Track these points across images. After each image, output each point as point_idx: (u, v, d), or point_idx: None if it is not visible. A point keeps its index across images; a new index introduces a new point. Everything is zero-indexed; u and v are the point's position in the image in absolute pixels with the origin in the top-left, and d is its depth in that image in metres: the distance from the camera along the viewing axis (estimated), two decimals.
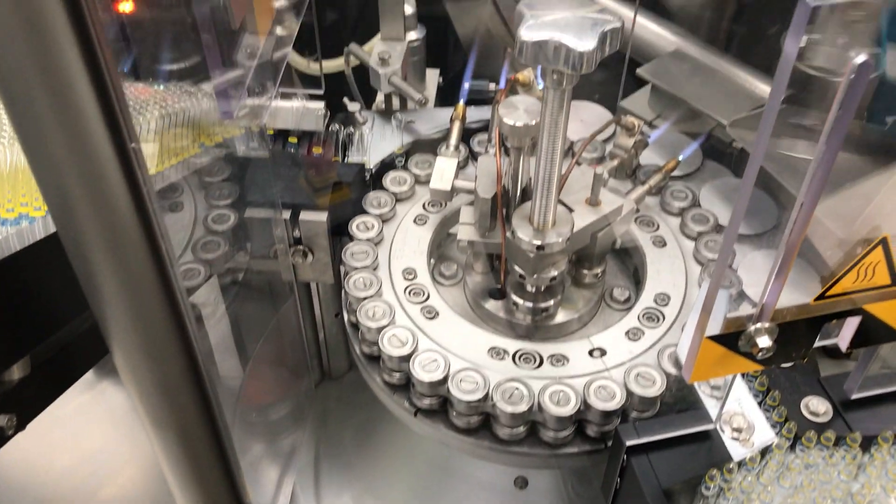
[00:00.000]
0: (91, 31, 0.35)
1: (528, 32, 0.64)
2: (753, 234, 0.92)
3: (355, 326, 0.87)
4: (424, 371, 0.79)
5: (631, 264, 0.95)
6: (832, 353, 1.01)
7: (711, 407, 0.74)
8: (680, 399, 0.79)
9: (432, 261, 0.94)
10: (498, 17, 1.24)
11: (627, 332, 0.83)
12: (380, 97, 1.10)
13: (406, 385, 0.83)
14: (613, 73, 1.09)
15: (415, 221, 0.94)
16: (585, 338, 0.83)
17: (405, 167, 0.99)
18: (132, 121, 0.39)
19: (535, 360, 0.81)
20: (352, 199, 0.94)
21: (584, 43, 0.62)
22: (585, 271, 0.88)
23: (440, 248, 0.97)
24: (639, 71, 1.02)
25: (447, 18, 1.39)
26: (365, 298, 0.85)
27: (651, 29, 1.07)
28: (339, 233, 0.94)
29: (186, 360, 0.51)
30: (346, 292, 0.86)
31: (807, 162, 0.97)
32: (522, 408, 0.76)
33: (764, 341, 0.60)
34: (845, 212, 0.86)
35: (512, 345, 0.82)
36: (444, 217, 0.94)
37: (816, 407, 0.74)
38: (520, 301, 0.84)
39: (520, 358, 0.81)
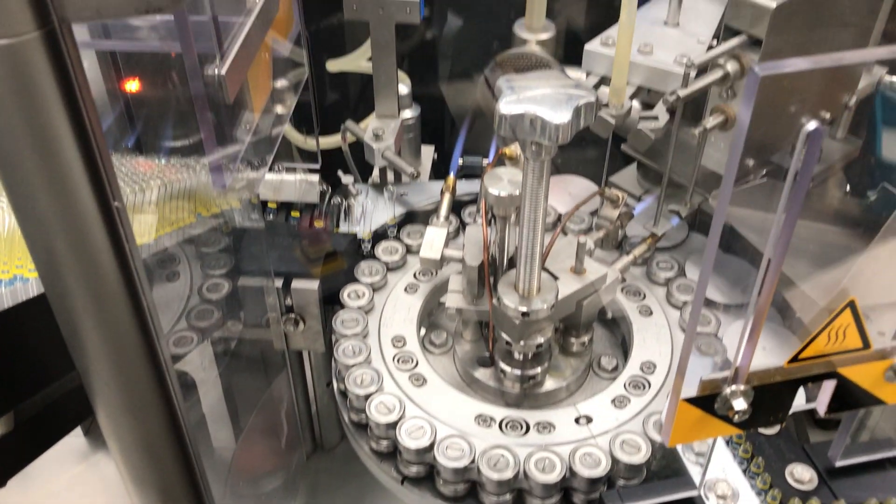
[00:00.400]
0: (78, 96, 0.37)
1: (507, 106, 0.67)
2: (737, 304, 0.93)
3: (344, 394, 0.88)
4: (411, 438, 0.79)
5: (619, 333, 0.96)
6: (821, 423, 1.01)
7: (696, 474, 0.74)
8: (665, 466, 0.79)
9: (422, 329, 0.95)
10: (490, 96, 1.28)
11: (613, 400, 0.84)
12: (375, 171, 1.14)
13: (393, 453, 0.84)
14: (603, 151, 1.12)
15: (405, 290, 0.96)
16: (572, 405, 0.84)
17: (397, 237, 1.02)
18: (117, 181, 0.41)
19: (521, 428, 0.81)
20: (344, 268, 0.96)
21: (559, 115, 0.65)
22: (573, 339, 0.89)
23: (430, 316, 0.98)
24: (624, 147, 1.06)
25: (444, 98, 1.44)
26: (353, 366, 0.86)
27: (635, 106, 1.11)
28: (332, 302, 0.96)
29: (168, 417, 0.52)
30: (336, 360, 0.88)
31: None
32: (508, 475, 0.76)
33: (739, 404, 0.60)
34: (829, 283, 0.88)
35: (499, 412, 0.83)
36: (434, 286, 0.96)
37: (801, 474, 0.74)
38: (508, 368, 0.85)
39: (506, 425, 0.81)
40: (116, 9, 0.36)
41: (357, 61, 1.13)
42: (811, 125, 0.46)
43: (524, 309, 0.78)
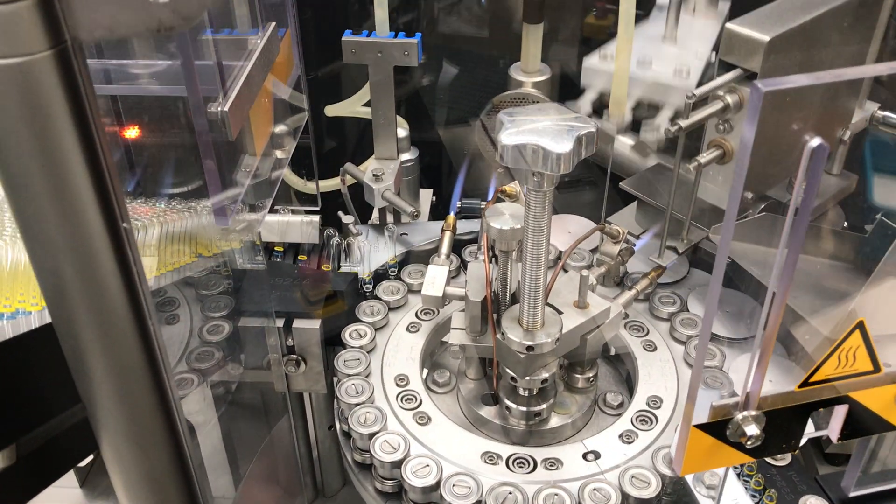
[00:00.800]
0: (89, 116, 0.37)
1: (509, 137, 0.67)
2: (743, 338, 0.93)
3: (347, 435, 0.87)
4: (416, 476, 0.78)
5: (623, 370, 0.95)
6: (830, 458, 0.99)
7: None
8: (676, 501, 0.77)
9: (425, 369, 0.94)
10: (487, 140, 1.30)
11: (621, 435, 0.82)
12: (375, 213, 1.14)
13: (399, 493, 0.82)
14: (600, 194, 1.13)
15: (408, 329, 0.95)
16: (579, 441, 0.83)
17: (398, 277, 1.01)
18: (125, 203, 0.41)
19: (528, 465, 0.80)
20: (345, 309, 0.95)
21: (561, 145, 0.66)
22: (578, 375, 0.88)
23: (433, 356, 0.97)
24: (622, 184, 1.06)
25: (442, 143, 1.45)
26: (357, 405, 0.85)
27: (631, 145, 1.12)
28: (333, 343, 0.95)
29: (174, 449, 0.51)
30: (338, 399, 0.87)
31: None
32: None
33: (752, 429, 0.60)
34: (833, 315, 0.88)
35: (505, 449, 0.81)
36: (436, 325, 0.96)
37: None
38: (513, 405, 0.84)
39: (513, 462, 0.80)
40: (128, 27, 0.36)
41: (354, 106, 1.15)
42: (815, 142, 0.47)
43: (529, 343, 0.78)
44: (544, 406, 0.84)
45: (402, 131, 1.16)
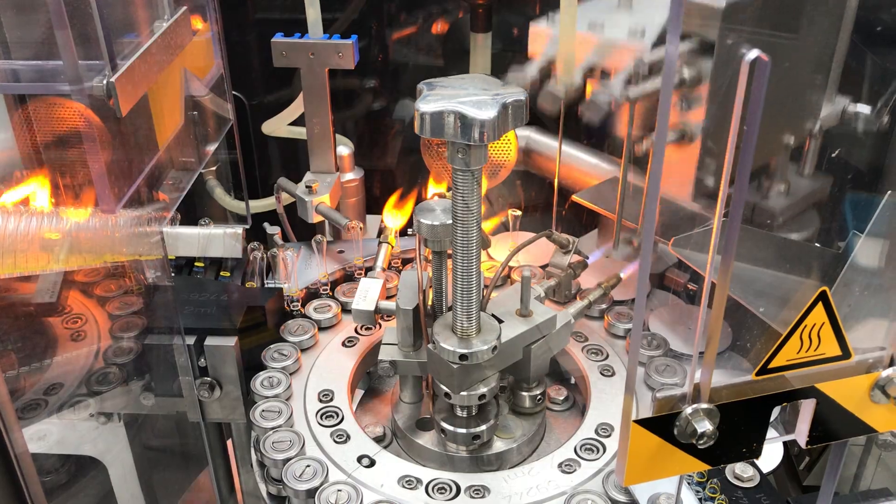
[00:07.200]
0: None
1: (426, 104, 0.60)
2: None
3: (262, 465, 0.76)
4: None
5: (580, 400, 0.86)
6: (808, 490, 0.90)
7: None
8: None
9: (354, 393, 0.85)
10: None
11: (560, 465, 0.73)
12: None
13: None
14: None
15: (343, 344, 0.86)
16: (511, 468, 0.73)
17: (332, 296, 0.93)
18: None
19: (450, 490, 0.70)
20: (270, 327, 0.86)
21: (485, 112, 0.59)
22: (524, 394, 0.79)
23: (368, 379, 0.88)
24: (574, 196, 0.99)
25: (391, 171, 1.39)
26: (272, 429, 0.75)
27: (586, 160, 1.06)
28: (255, 367, 0.85)
29: None
30: (253, 423, 0.77)
31: (751, 273, 0.91)
32: None
33: (703, 425, 0.51)
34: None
35: (427, 473, 0.72)
36: (371, 343, 0.87)
37: None
38: (448, 427, 0.74)
39: (434, 488, 0.70)
40: None
41: (291, 116, 1.08)
42: (752, 54, 0.39)
43: (463, 351, 0.69)
44: (484, 427, 0.74)
45: (346, 149, 1.09)
